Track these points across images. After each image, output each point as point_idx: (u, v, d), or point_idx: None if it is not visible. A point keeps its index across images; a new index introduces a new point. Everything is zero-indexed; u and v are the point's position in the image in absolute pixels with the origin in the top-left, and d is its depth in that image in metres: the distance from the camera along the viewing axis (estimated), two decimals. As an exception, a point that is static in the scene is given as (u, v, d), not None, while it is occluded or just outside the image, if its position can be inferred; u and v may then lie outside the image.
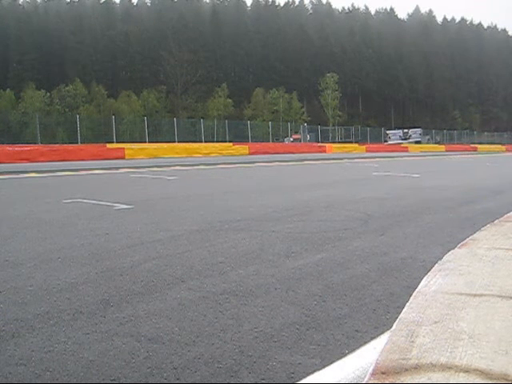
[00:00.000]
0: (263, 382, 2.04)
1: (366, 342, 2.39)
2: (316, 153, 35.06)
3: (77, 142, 30.06)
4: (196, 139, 37.58)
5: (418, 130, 65.57)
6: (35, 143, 29.82)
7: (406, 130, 64.63)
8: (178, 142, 33.93)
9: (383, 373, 1.34)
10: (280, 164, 21.81)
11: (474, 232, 3.87)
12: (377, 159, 27.10)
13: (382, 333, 2.41)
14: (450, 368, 1.36)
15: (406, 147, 49.64)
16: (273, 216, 6.42)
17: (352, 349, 2.32)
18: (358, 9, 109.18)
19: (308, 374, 2.09)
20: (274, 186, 11.32)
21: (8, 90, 62.58)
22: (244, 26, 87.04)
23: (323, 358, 2.22)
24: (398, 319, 1.75)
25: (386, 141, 58.32)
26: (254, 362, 2.20)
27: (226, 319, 2.73)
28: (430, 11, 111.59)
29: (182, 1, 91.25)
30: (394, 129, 67.74)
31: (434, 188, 10.56)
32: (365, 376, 1.45)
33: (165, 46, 71.16)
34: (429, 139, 64.20)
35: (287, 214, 6.58)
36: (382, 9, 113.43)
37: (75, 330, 2.57)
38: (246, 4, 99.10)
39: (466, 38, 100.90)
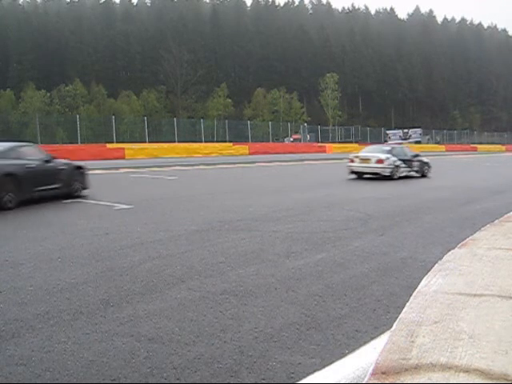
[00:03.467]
0: (263, 382, 2.04)
1: (365, 342, 2.39)
2: (316, 153, 35.01)
3: (77, 142, 30.02)
4: (196, 139, 37.51)
5: (418, 130, 65.61)
6: (35, 143, 29.81)
7: (406, 130, 64.66)
8: (178, 142, 33.87)
9: (383, 373, 1.34)
10: (280, 164, 21.80)
11: (474, 232, 3.87)
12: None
13: (382, 333, 2.41)
14: (450, 368, 1.36)
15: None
16: (273, 216, 6.42)
17: (352, 349, 2.33)
18: (358, 9, 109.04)
19: (308, 373, 2.09)
20: (274, 186, 11.32)
21: (8, 89, 62.52)
22: (244, 25, 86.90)
23: (323, 358, 2.22)
24: (398, 319, 1.75)
25: (386, 141, 58.29)
26: (254, 362, 2.20)
27: (226, 319, 2.73)
28: (430, 11, 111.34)
29: (182, 1, 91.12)
30: (394, 129, 67.70)
31: (434, 188, 10.56)
32: (365, 376, 1.45)
33: (165, 45, 71.00)
34: (429, 139, 64.21)
35: (287, 214, 6.58)
36: (382, 9, 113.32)
37: (75, 330, 2.58)
38: (245, 4, 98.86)
39: (466, 38, 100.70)
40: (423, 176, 13.78)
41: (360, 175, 13.05)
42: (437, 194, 9.37)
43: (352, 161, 13.48)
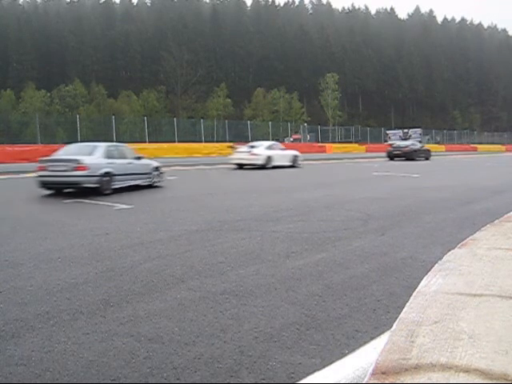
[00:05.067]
0: (263, 382, 2.04)
1: (365, 342, 2.39)
2: (316, 153, 34.99)
3: (77, 142, 29.99)
4: (196, 139, 37.46)
5: (418, 130, 65.54)
6: (35, 143, 29.76)
7: (405, 130, 64.57)
8: (178, 141, 33.82)
9: (383, 373, 1.34)
10: (280, 164, 21.74)
11: (474, 232, 3.88)
12: (377, 159, 27.09)
13: (382, 333, 2.41)
14: (450, 368, 1.36)
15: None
16: (273, 216, 6.42)
17: (352, 349, 2.32)
18: (358, 9, 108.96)
19: (308, 373, 2.09)
20: (274, 186, 11.31)
21: (8, 89, 62.50)
22: (244, 25, 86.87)
23: (323, 358, 2.22)
24: (398, 319, 1.75)
25: (386, 141, 58.28)
26: (254, 362, 2.20)
27: (226, 319, 2.73)
28: (430, 11, 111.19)
29: (182, 1, 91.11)
30: (394, 129, 67.64)
31: (434, 188, 10.55)
32: (365, 376, 1.45)
33: (165, 46, 71.07)
34: (429, 139, 64.13)
35: (287, 214, 6.58)
36: (382, 9, 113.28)
37: (75, 330, 2.57)
38: (245, 4, 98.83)
39: (466, 38, 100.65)
40: None
41: None
42: (437, 194, 9.36)
43: None
